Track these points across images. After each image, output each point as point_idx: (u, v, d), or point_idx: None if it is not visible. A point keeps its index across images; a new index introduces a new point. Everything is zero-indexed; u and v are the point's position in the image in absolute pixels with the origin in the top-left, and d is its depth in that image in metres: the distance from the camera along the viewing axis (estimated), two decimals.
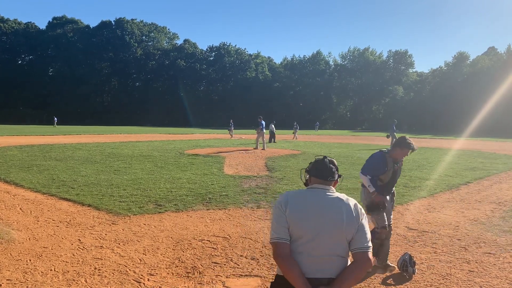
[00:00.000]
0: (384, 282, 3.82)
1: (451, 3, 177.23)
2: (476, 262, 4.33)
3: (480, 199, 7.81)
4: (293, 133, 32.32)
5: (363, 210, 2.05)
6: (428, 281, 3.82)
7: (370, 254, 1.95)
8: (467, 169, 12.23)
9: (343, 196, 2.06)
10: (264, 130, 18.71)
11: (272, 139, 24.58)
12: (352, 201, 2.04)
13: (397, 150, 4.01)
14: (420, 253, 4.61)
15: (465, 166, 12.90)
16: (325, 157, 2.17)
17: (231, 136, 30.15)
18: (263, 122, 18.83)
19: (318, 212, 1.98)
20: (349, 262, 2.01)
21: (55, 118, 51.87)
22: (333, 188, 2.11)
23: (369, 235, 1.98)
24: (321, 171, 2.10)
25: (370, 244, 1.97)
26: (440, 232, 5.46)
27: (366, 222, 2.03)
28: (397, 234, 5.26)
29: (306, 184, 2.19)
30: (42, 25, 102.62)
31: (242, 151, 17.15)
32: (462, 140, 31.45)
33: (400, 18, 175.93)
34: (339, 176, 2.16)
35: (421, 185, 9.04)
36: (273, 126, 25.47)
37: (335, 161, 2.18)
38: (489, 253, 4.63)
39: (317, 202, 2.01)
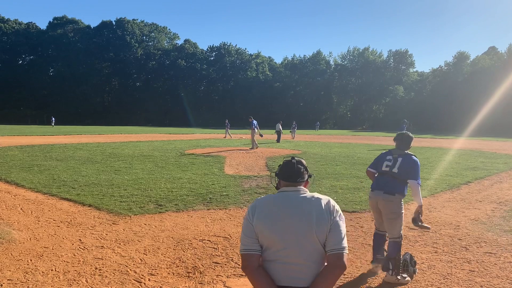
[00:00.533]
0: (384, 282, 3.81)
1: (451, 3, 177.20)
2: (477, 261, 4.33)
3: (481, 198, 7.81)
4: (290, 132, 32.30)
5: (337, 207, 1.93)
6: (429, 281, 3.82)
7: (345, 257, 1.84)
8: (467, 168, 12.22)
9: (313, 195, 1.95)
10: (257, 130, 18.94)
11: (278, 140, 24.93)
12: (324, 199, 1.93)
13: (411, 147, 4.09)
14: (421, 252, 4.61)
15: (465, 166, 12.89)
16: (292, 158, 2.07)
17: (227, 136, 29.66)
18: (255, 122, 19.08)
19: (287, 218, 1.88)
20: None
21: (53, 118, 51.73)
22: (304, 188, 2.01)
23: (343, 235, 1.87)
24: (289, 174, 2.00)
25: (344, 244, 1.85)
26: (441, 232, 5.46)
27: (341, 221, 1.90)
28: None
29: (277, 187, 2.09)
30: (42, 25, 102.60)
31: (242, 151, 17.16)
32: (463, 140, 31.42)
33: (400, 18, 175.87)
34: (310, 176, 2.08)
35: (421, 185, 9.01)
36: (280, 126, 25.85)
37: (303, 160, 2.09)
38: (490, 252, 4.63)
39: (286, 207, 1.91)
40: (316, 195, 1.95)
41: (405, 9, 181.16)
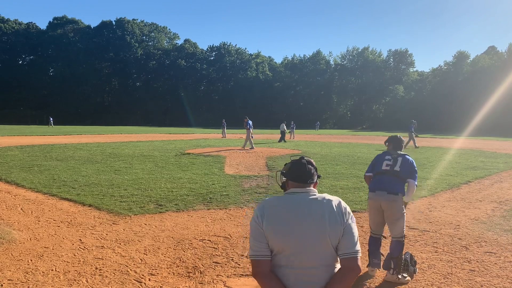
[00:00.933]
0: (385, 282, 3.82)
1: (451, 3, 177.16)
2: (477, 261, 4.33)
3: (481, 198, 7.81)
4: (289, 132, 32.30)
5: (349, 209, 1.88)
6: (429, 281, 3.82)
7: (359, 260, 1.80)
8: (468, 168, 12.22)
9: (324, 196, 1.88)
10: (252, 130, 19.05)
11: (282, 139, 24.96)
12: (335, 200, 1.87)
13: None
14: (421, 252, 4.61)
15: (466, 165, 12.89)
16: (302, 157, 1.98)
17: (224, 136, 29.94)
18: (250, 122, 19.21)
19: (299, 221, 1.81)
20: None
21: (51, 119, 51.57)
22: (314, 189, 1.93)
23: (356, 237, 1.83)
24: (300, 174, 1.91)
25: (358, 248, 1.81)
26: (441, 232, 5.46)
27: (353, 223, 1.85)
28: None
29: (283, 187, 2.00)
30: (42, 25, 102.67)
31: (242, 151, 17.17)
32: (463, 139, 31.42)
33: (400, 17, 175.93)
34: (319, 176, 2.00)
35: (422, 184, 9.01)
36: (284, 126, 25.96)
37: (313, 161, 2.01)
38: (490, 252, 4.62)
39: (297, 209, 1.84)
40: (327, 196, 1.89)
41: (404, 8, 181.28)
